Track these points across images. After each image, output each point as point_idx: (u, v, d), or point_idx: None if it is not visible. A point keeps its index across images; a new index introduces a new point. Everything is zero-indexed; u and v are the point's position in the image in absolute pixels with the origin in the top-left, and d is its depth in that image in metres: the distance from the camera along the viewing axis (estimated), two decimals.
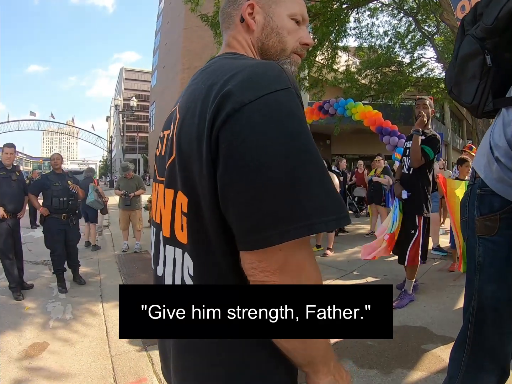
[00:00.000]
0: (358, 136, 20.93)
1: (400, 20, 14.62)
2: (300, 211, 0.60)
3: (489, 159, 1.29)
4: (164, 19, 37.55)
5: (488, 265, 1.31)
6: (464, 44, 1.36)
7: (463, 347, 1.40)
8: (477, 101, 1.32)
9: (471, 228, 1.40)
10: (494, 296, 1.30)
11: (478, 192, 1.35)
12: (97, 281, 5.21)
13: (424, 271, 5.16)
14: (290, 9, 0.91)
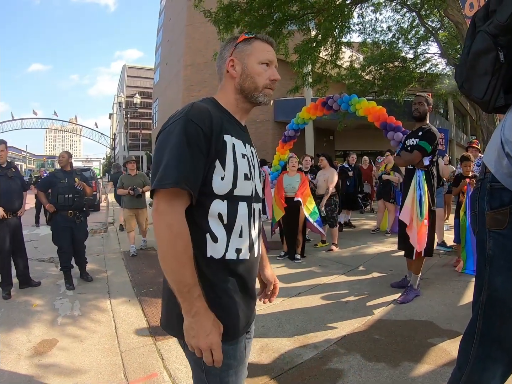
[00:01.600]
0: (361, 132, 20.86)
1: (403, 15, 14.54)
2: (158, 176, 1.08)
3: (499, 154, 1.30)
4: (166, 16, 37.36)
5: (498, 257, 1.33)
6: (477, 40, 1.36)
7: (471, 338, 1.41)
8: (488, 96, 1.32)
9: (481, 222, 1.41)
10: (503, 287, 1.32)
11: (489, 187, 1.36)
12: (104, 277, 5.25)
13: (429, 267, 5.17)
14: (259, 58, 1.31)
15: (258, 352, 2.95)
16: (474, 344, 1.40)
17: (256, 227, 1.33)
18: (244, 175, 1.23)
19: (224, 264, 1.19)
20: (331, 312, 3.72)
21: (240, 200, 1.22)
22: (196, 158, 1.11)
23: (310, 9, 9.81)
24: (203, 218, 1.17)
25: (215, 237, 1.17)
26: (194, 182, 1.10)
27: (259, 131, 23.44)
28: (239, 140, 1.28)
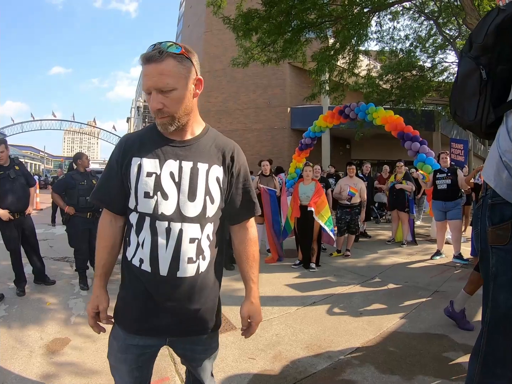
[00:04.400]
0: (377, 141, 20.75)
1: (421, 23, 14.48)
2: None
3: (498, 167, 1.30)
4: (184, 22, 37.79)
5: (501, 274, 1.32)
6: (461, 65, 1.45)
7: (476, 356, 1.41)
8: (479, 116, 1.36)
9: (483, 239, 1.40)
10: (506, 304, 1.30)
11: (490, 203, 1.36)
12: (118, 279, 5.22)
13: (445, 279, 5.11)
14: (143, 87, 1.33)
15: (271, 360, 2.94)
16: (479, 362, 1.39)
17: (173, 247, 1.35)
18: (144, 193, 1.34)
19: (131, 266, 1.44)
20: (345, 323, 3.69)
21: (146, 215, 1.36)
22: (111, 179, 1.43)
23: (328, 17, 9.80)
24: (127, 225, 1.48)
25: (129, 242, 1.45)
26: (107, 199, 1.48)
27: (276, 138, 23.51)
28: (155, 159, 1.36)
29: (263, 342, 3.25)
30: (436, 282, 5.00)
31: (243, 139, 24.20)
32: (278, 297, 4.52)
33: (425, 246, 7.42)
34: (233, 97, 24.90)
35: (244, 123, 24.52)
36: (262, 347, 3.17)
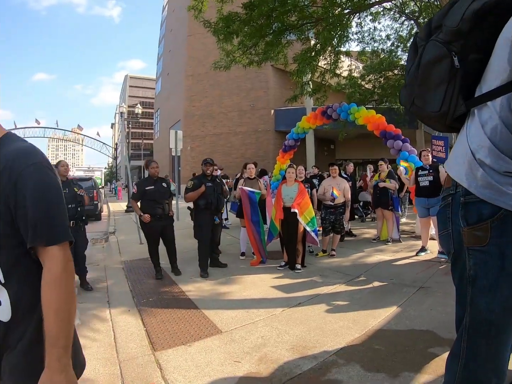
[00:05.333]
0: (362, 140, 20.92)
1: (402, 23, 14.68)
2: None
3: (471, 166, 1.25)
4: (167, 26, 37.70)
5: (480, 277, 1.26)
6: (428, 50, 1.34)
7: (457, 359, 1.38)
8: (446, 107, 1.30)
9: (456, 240, 1.34)
10: (488, 308, 1.26)
11: (462, 201, 1.29)
12: (104, 287, 5.24)
13: (430, 275, 5.16)
14: None
15: (256, 363, 2.93)
16: (460, 366, 1.37)
17: None
18: None
19: None
20: (330, 322, 3.70)
21: None
22: None
23: (309, 19, 9.85)
24: None
25: None
26: None
27: (260, 140, 23.59)
28: None
29: (249, 345, 3.25)
30: (421, 278, 5.04)
31: (227, 143, 24.23)
32: (263, 299, 4.52)
33: (410, 243, 7.48)
34: (216, 101, 24.93)
35: (228, 127, 24.56)
36: (247, 350, 3.16)
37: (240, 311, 4.11)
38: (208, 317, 3.95)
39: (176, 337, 3.46)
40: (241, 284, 5.17)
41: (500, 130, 1.16)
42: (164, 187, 5.72)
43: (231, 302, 4.44)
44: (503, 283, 1.22)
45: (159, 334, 3.54)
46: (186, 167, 24.06)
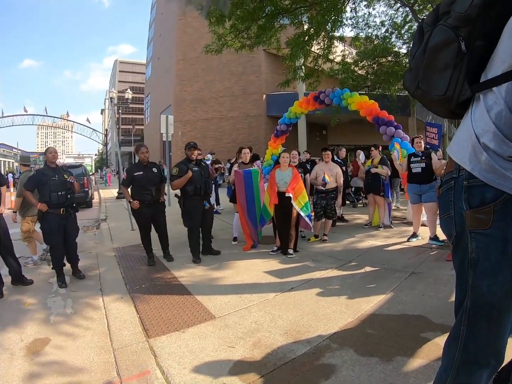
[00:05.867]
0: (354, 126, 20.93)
1: (397, 10, 14.51)
2: None
3: (475, 149, 1.26)
4: (158, 9, 36.99)
5: (482, 260, 1.27)
6: (435, 34, 1.34)
7: (456, 342, 1.40)
8: (451, 91, 1.30)
9: (458, 223, 1.35)
10: (490, 290, 1.28)
11: (465, 184, 1.30)
12: (96, 275, 5.21)
13: (422, 261, 5.22)
14: None
15: (250, 348, 2.95)
16: (459, 349, 1.39)
17: None
18: None
19: None
20: (323, 307, 3.73)
21: None
22: None
23: (303, 3, 9.74)
24: None
25: None
26: None
27: (252, 125, 23.51)
28: None
29: (242, 330, 3.27)
30: (413, 264, 5.09)
31: (219, 127, 24.12)
32: (256, 284, 4.54)
33: (402, 229, 7.53)
34: (208, 85, 24.71)
35: (219, 112, 24.42)
36: (241, 335, 3.18)
37: (233, 296, 4.12)
38: (201, 302, 3.96)
39: (170, 323, 3.47)
40: (233, 269, 5.18)
41: (505, 115, 1.17)
42: (154, 172, 5.61)
43: (224, 288, 4.45)
44: (505, 266, 1.24)
45: (153, 321, 3.54)
46: (177, 152, 23.86)
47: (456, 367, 1.39)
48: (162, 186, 5.80)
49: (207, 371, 2.64)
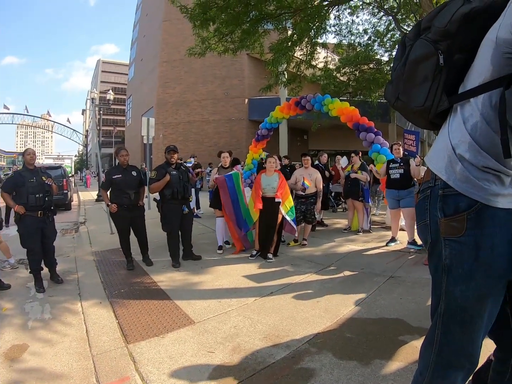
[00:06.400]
0: (335, 132, 21.06)
1: (380, 19, 14.76)
2: None
3: (451, 160, 1.31)
4: (143, 10, 36.62)
5: (456, 266, 1.32)
6: (415, 48, 1.40)
7: (431, 345, 1.44)
8: (429, 102, 1.36)
9: (433, 230, 1.40)
10: (463, 296, 1.32)
11: (441, 193, 1.35)
12: (74, 279, 5.13)
13: (400, 265, 5.31)
14: None
15: (230, 353, 2.96)
16: (434, 352, 1.42)
17: None
18: None
19: None
20: (302, 311, 3.76)
21: None
22: None
23: (287, 9, 9.83)
24: None
25: None
26: None
27: (233, 129, 23.53)
28: None
29: (222, 335, 3.27)
30: (391, 268, 5.17)
31: (200, 131, 24.04)
32: (235, 289, 4.54)
33: (381, 233, 7.64)
34: (191, 88, 24.62)
35: (201, 115, 24.34)
36: (220, 340, 3.18)
37: (213, 301, 4.11)
38: (181, 307, 3.94)
39: (149, 328, 3.44)
40: (213, 274, 5.17)
41: (480, 127, 1.23)
42: (133, 175, 5.53)
43: (203, 292, 4.44)
44: (477, 272, 1.28)
45: (132, 326, 3.50)
46: (158, 155, 23.64)
47: (431, 370, 1.43)
48: (142, 190, 5.72)
49: (186, 377, 2.63)
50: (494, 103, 1.19)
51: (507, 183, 1.27)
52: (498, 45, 1.13)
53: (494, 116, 1.19)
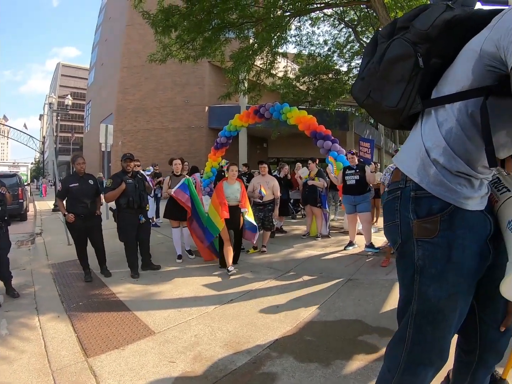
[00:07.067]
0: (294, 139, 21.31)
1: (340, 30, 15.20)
2: None
3: (424, 163, 1.33)
4: (106, 14, 35.66)
5: (428, 267, 1.33)
6: (394, 46, 1.39)
7: (402, 343, 1.45)
8: (403, 104, 1.37)
9: (404, 232, 1.40)
10: (436, 295, 1.34)
11: (413, 195, 1.36)
12: (31, 293, 4.90)
13: (358, 268, 5.45)
14: None
15: (191, 362, 2.94)
16: (405, 350, 1.44)
17: None
18: None
19: None
20: (263, 317, 3.78)
21: None
22: None
23: (250, 18, 9.94)
24: None
25: None
26: None
27: (193, 137, 23.45)
28: None
29: (182, 344, 3.24)
30: (349, 271, 5.28)
31: (160, 138, 23.78)
32: (196, 298, 4.50)
33: (339, 238, 7.78)
34: (150, 95, 24.34)
35: (161, 122, 24.12)
36: (181, 349, 3.15)
37: (173, 310, 4.06)
38: (140, 318, 3.86)
39: (109, 341, 3.36)
40: (172, 283, 5.10)
41: (455, 133, 1.26)
42: (90, 184, 5.38)
43: (163, 302, 4.37)
44: (450, 273, 1.32)
45: (91, 340, 3.40)
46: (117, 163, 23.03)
47: (402, 367, 1.45)
48: (98, 199, 5.55)
49: None
50: (470, 112, 1.22)
51: (476, 186, 1.32)
52: (481, 56, 1.16)
53: (469, 124, 1.23)
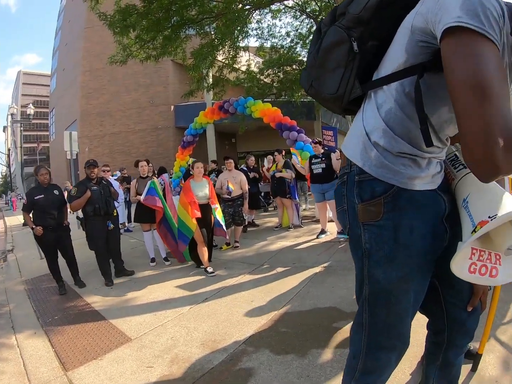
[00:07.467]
0: (262, 132, 21.30)
1: (302, 21, 15.20)
2: None
3: (366, 146, 1.30)
4: (65, 17, 34.27)
5: (376, 249, 1.32)
6: (328, 34, 1.38)
7: (361, 329, 1.45)
8: (342, 90, 1.35)
9: (351, 216, 1.39)
10: (385, 278, 1.32)
11: (357, 179, 1.33)
12: (6, 312, 4.73)
13: (331, 255, 5.52)
14: None
15: (168, 364, 2.91)
16: (364, 335, 1.44)
17: None
18: None
19: None
20: (237, 313, 3.78)
21: None
22: None
23: (209, 14, 9.86)
24: None
25: None
26: None
27: (160, 138, 23.15)
28: None
29: (159, 348, 3.21)
30: (322, 259, 5.34)
31: (127, 141, 23.37)
32: (170, 300, 4.45)
33: (311, 227, 7.84)
34: (114, 98, 23.79)
35: (127, 125, 23.63)
36: (158, 353, 3.12)
37: (148, 315, 4.02)
38: (116, 326, 3.81)
39: (86, 352, 3.29)
40: (147, 288, 5.02)
41: (394, 113, 1.24)
42: (55, 195, 5.24)
43: (138, 308, 4.31)
44: (397, 253, 1.30)
45: (69, 353, 3.32)
46: None
47: (363, 353, 1.45)
48: (65, 209, 5.42)
49: None
50: (407, 91, 1.20)
51: (423, 165, 1.28)
52: (413, 33, 1.14)
53: (407, 103, 1.21)
